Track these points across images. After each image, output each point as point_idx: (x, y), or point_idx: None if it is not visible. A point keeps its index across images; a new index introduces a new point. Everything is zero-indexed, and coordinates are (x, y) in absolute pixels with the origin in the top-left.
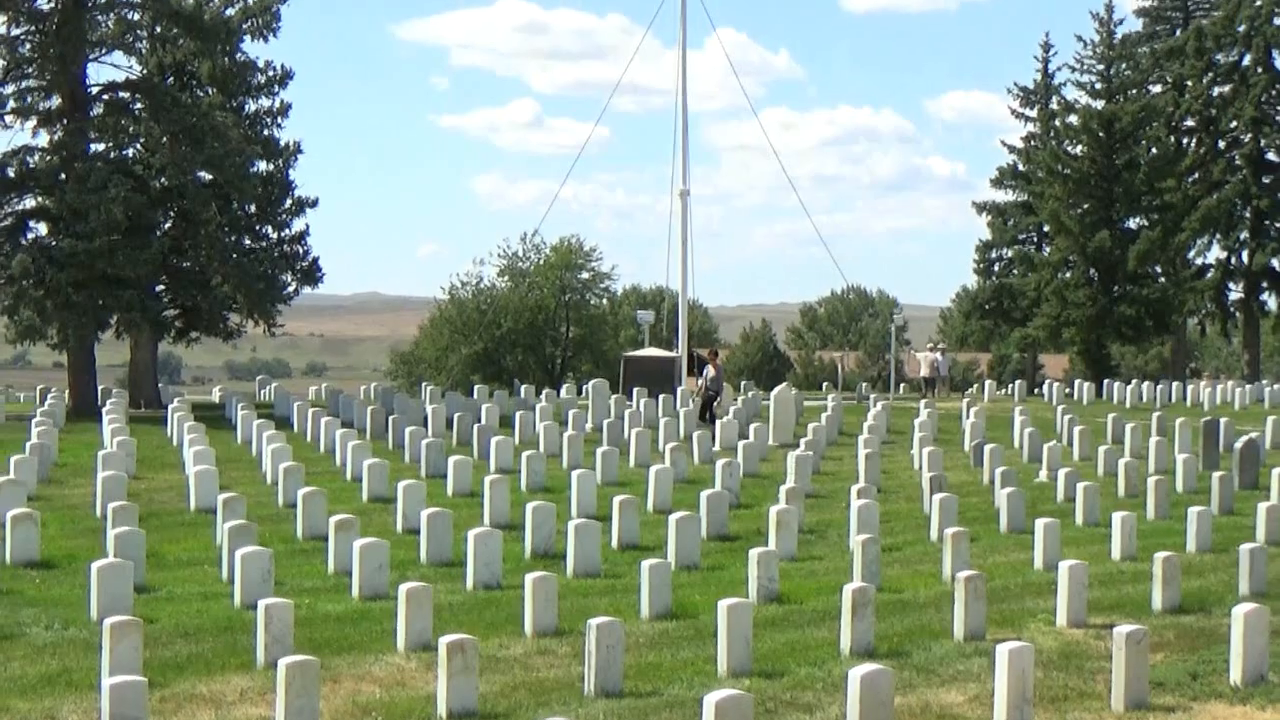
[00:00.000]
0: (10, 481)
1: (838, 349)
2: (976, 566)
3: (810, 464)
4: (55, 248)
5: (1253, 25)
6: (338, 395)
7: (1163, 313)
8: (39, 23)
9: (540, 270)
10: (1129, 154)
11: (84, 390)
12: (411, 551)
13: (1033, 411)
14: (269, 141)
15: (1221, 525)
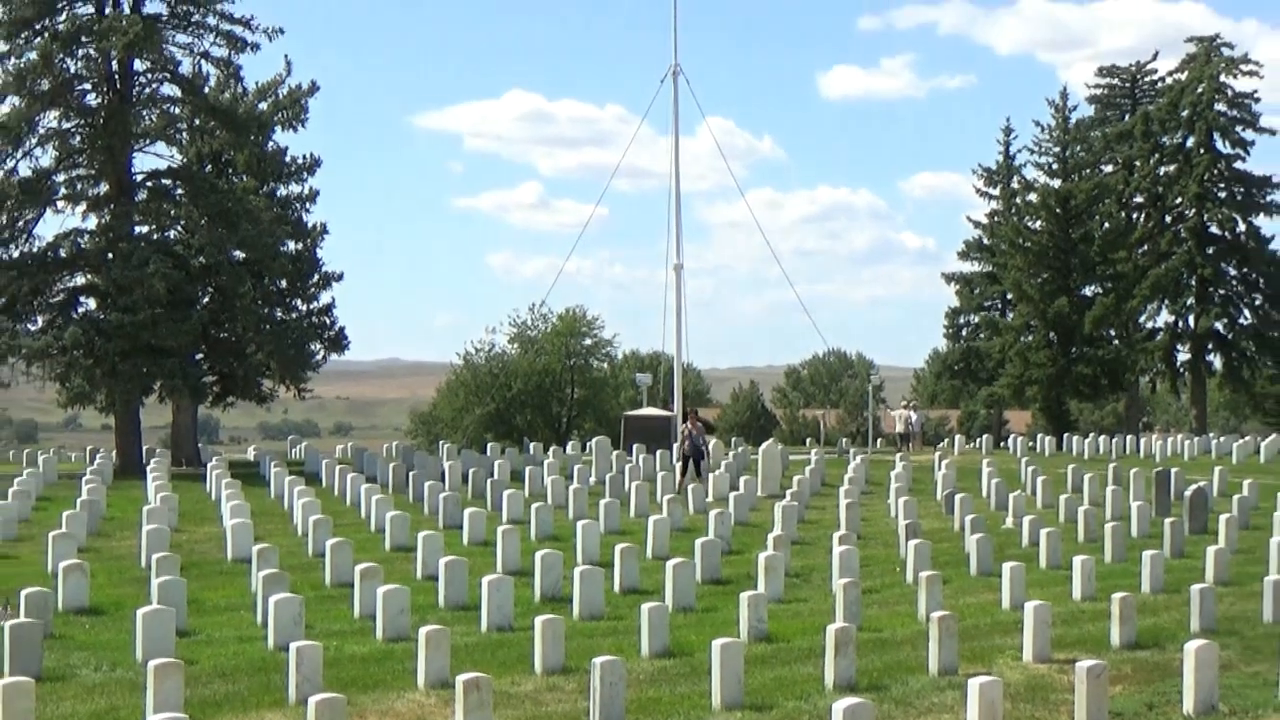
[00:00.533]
0: (62, 534)
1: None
2: (949, 607)
3: (796, 513)
4: (103, 321)
5: (1195, 111)
6: (362, 453)
7: (1117, 372)
8: (88, 117)
9: (547, 337)
10: (1084, 228)
11: (130, 450)
12: (430, 596)
13: (999, 463)
14: (298, 223)
15: (1173, 567)
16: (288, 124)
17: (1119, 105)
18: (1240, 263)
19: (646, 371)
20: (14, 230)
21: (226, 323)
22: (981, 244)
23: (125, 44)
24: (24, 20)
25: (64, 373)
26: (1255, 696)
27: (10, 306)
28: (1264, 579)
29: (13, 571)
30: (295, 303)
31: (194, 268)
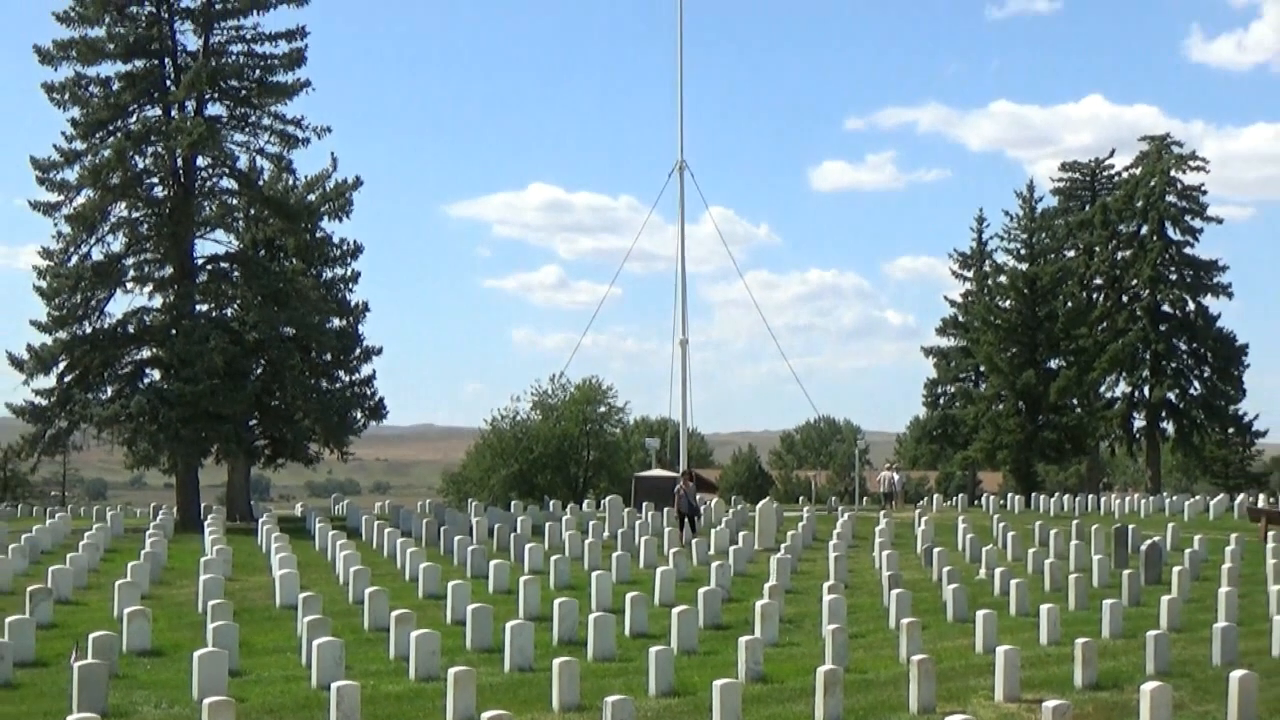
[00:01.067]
0: (127, 583)
1: (811, 469)
2: (927, 651)
3: (789, 565)
4: (167, 390)
5: (1148, 202)
6: (398, 510)
7: (1079, 437)
8: (155, 207)
9: (566, 405)
10: (1049, 307)
11: (189, 507)
12: (459, 640)
13: (973, 520)
14: (342, 302)
15: (1131, 615)
16: (334, 213)
17: (1080, 196)
18: (1190, 339)
19: (655, 436)
20: (87, 309)
21: (277, 392)
22: (957, 321)
23: (189, 143)
24: (100, 121)
25: (131, 437)
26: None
27: (83, 377)
28: (1213, 626)
29: (82, 617)
30: (339, 374)
31: (248, 342)
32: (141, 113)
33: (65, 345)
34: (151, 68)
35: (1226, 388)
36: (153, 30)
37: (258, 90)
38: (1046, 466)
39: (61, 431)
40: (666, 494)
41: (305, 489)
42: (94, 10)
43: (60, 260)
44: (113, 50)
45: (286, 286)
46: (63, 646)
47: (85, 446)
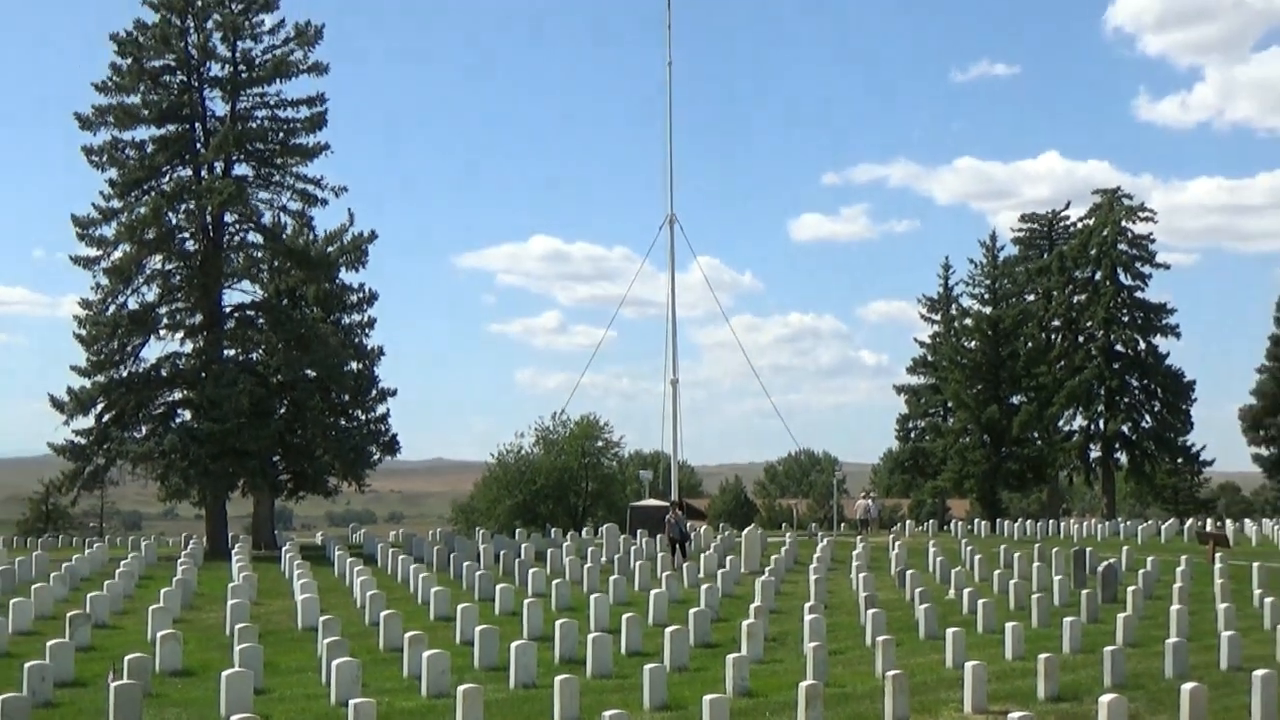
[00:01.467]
0: (160, 608)
1: (793, 497)
2: (901, 666)
3: (773, 587)
4: (197, 429)
5: (1101, 250)
6: (411, 538)
7: (1040, 467)
8: (187, 260)
9: (566, 440)
10: (1011, 347)
11: (218, 536)
12: (467, 659)
13: (943, 544)
14: (359, 347)
15: (1089, 632)
16: (351, 264)
17: (1039, 245)
18: (1141, 376)
19: (648, 468)
20: (123, 354)
21: (299, 430)
22: (926, 361)
23: (218, 201)
24: (135, 181)
25: (163, 472)
26: None
27: (119, 418)
28: (1165, 641)
29: (118, 640)
30: (356, 413)
31: (273, 384)
32: (174, 173)
33: (103, 388)
34: (183, 132)
35: (1175, 421)
36: (184, 97)
37: (281, 152)
38: (1010, 494)
39: (99, 468)
40: (659, 522)
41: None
42: (130, 79)
43: (99, 310)
44: (147, 116)
45: (308, 332)
46: (100, 668)
47: (121, 481)
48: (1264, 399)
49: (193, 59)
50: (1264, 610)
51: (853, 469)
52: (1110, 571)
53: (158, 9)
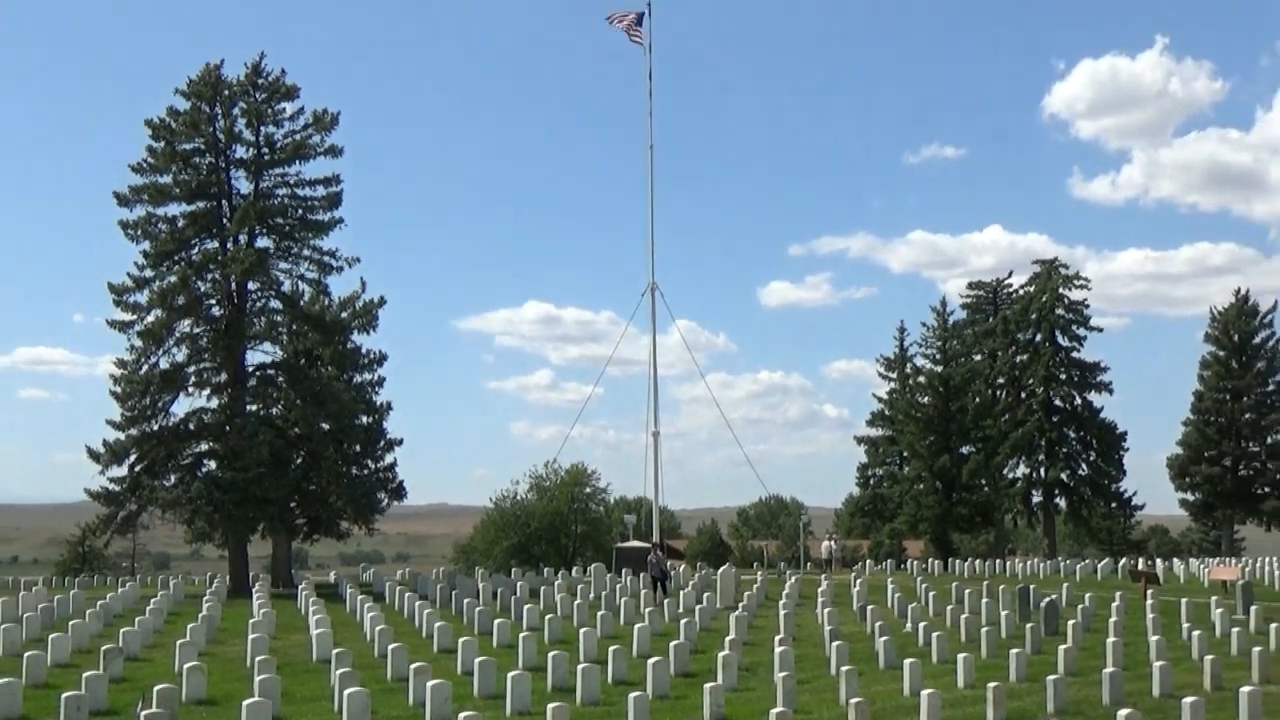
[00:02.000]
0: (187, 642)
1: (764, 539)
2: (863, 694)
3: (746, 621)
4: (221, 478)
5: (1041, 314)
6: (416, 577)
7: (988, 511)
8: (213, 324)
9: (557, 487)
10: (960, 402)
11: (239, 576)
12: (468, 688)
13: (900, 582)
14: (370, 402)
15: (1033, 662)
16: (363, 328)
17: (985, 310)
18: (1078, 428)
19: (632, 512)
20: (154, 409)
21: (314, 478)
22: (883, 415)
23: (242, 271)
24: (166, 253)
25: (190, 517)
26: None
27: (151, 467)
28: (1102, 670)
29: (148, 671)
30: (366, 462)
31: (290, 437)
32: (202, 245)
33: (136, 440)
34: (210, 208)
35: (1109, 469)
36: (212, 177)
37: (299, 227)
38: (960, 536)
39: (131, 513)
40: (642, 561)
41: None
42: (163, 161)
43: (133, 369)
44: (178, 194)
45: (323, 390)
46: (131, 697)
47: (152, 525)
48: (1189, 449)
49: (220, 142)
50: (1192, 642)
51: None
52: (1052, 607)
53: (189, 97)
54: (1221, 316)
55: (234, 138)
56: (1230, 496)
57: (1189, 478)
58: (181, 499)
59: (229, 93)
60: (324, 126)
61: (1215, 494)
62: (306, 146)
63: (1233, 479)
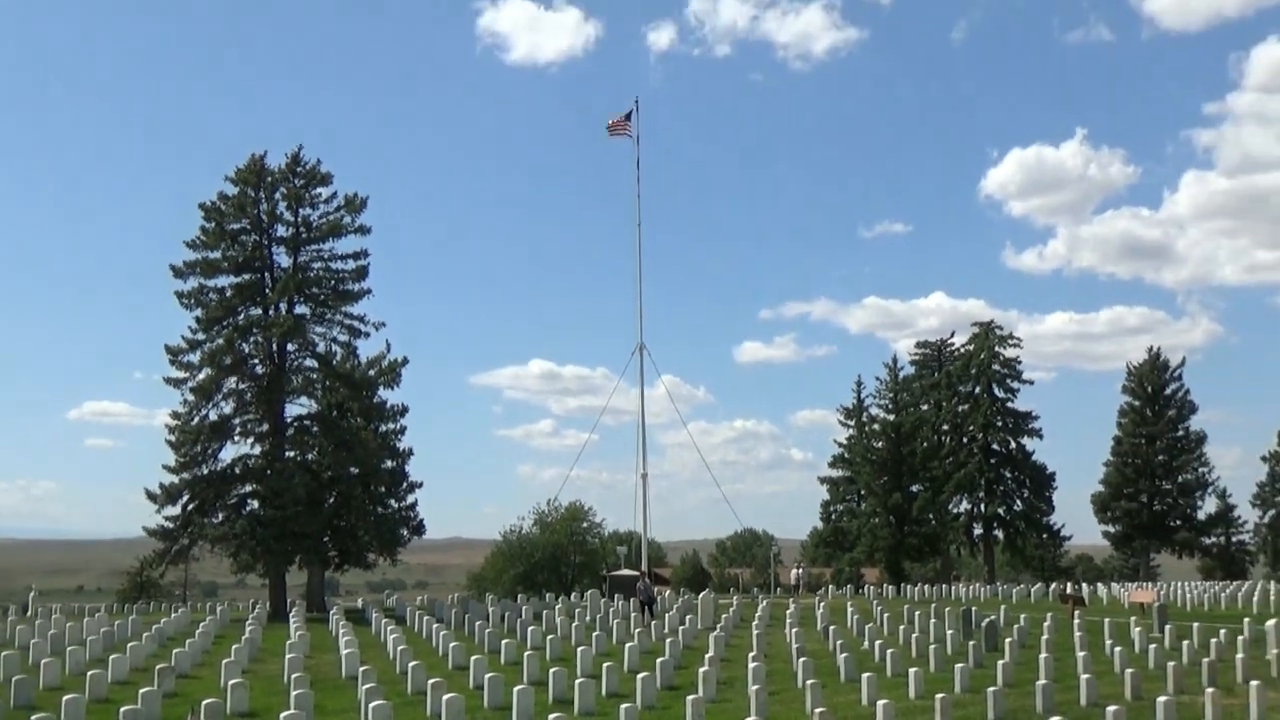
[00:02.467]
0: (231, 661)
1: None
2: (826, 704)
3: (724, 640)
4: (263, 516)
5: (979, 370)
6: (434, 602)
7: (935, 542)
8: (256, 381)
9: (558, 522)
10: (910, 446)
11: (278, 602)
12: (479, 701)
13: (858, 605)
14: (393, 449)
15: (975, 675)
16: (387, 384)
17: (931, 366)
18: (1013, 469)
19: (624, 544)
20: (205, 456)
21: (345, 516)
22: (843, 458)
23: (282, 334)
24: (216, 319)
25: (236, 550)
26: None
27: (201, 507)
28: (1035, 683)
29: (197, 688)
30: (390, 502)
31: (324, 479)
32: (246, 312)
33: (188, 484)
34: (254, 279)
35: (1040, 504)
36: (255, 253)
37: (332, 296)
38: (911, 564)
39: (184, 547)
40: (631, 588)
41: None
42: (213, 239)
43: (185, 420)
44: (226, 267)
45: (352, 438)
46: (182, 710)
47: (201, 558)
48: (1110, 487)
49: (263, 222)
50: (1114, 657)
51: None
52: (991, 626)
53: (237, 183)
54: (1137, 371)
55: (275, 218)
56: (1146, 528)
57: (1110, 512)
58: (228, 535)
59: (271, 179)
60: (354, 209)
61: (1133, 526)
62: (339, 226)
63: (1148, 513)
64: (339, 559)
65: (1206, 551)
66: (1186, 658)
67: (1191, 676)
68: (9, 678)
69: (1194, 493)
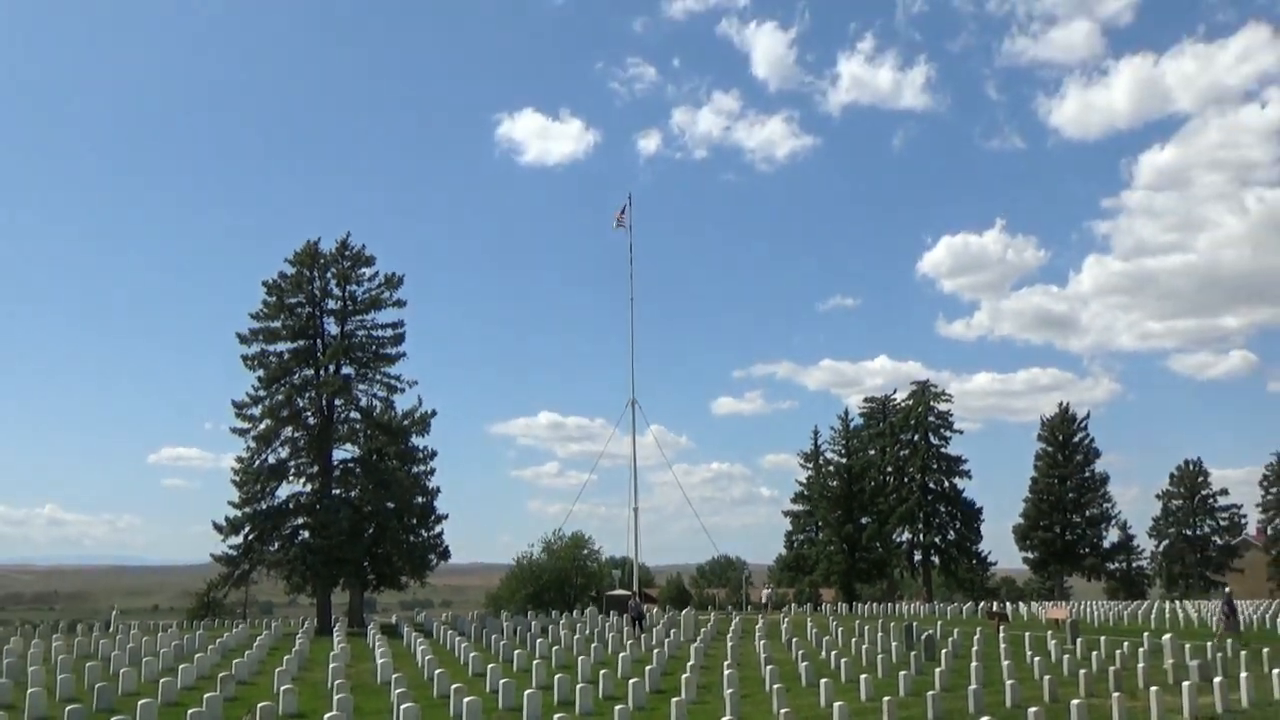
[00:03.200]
0: (283, 670)
1: (716, 588)
2: (790, 705)
3: (703, 651)
4: (312, 544)
5: (917, 421)
6: (457, 618)
7: (882, 567)
8: (308, 430)
9: (562, 549)
10: (860, 485)
11: (324, 619)
12: (494, 703)
13: (816, 621)
14: (424, 487)
15: (917, 682)
16: (419, 432)
17: (877, 417)
18: (947, 504)
19: (618, 568)
20: (264, 494)
21: (382, 545)
22: (803, 494)
23: (331, 391)
24: (274, 378)
25: (289, 574)
26: None
27: (260, 537)
28: (968, 688)
29: (254, 693)
30: (421, 532)
31: (365, 513)
32: (301, 372)
33: (249, 517)
34: (308, 345)
35: (970, 535)
36: (309, 323)
37: (373, 359)
38: (861, 585)
39: (245, 571)
40: (624, 606)
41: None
42: (273, 311)
43: (248, 464)
44: (284, 335)
45: (389, 478)
46: (241, 712)
47: (259, 581)
48: (1028, 520)
49: (316, 297)
50: (1034, 666)
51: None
52: (930, 639)
53: (294, 265)
54: (1049, 423)
55: (326, 294)
56: (1060, 555)
57: (1029, 541)
58: (282, 560)
59: (323, 260)
60: (392, 285)
61: (1049, 553)
62: (380, 300)
63: (1061, 542)
64: (376, 581)
65: (1111, 575)
66: (1096, 666)
67: (1100, 682)
68: (92, 685)
69: (1099, 525)
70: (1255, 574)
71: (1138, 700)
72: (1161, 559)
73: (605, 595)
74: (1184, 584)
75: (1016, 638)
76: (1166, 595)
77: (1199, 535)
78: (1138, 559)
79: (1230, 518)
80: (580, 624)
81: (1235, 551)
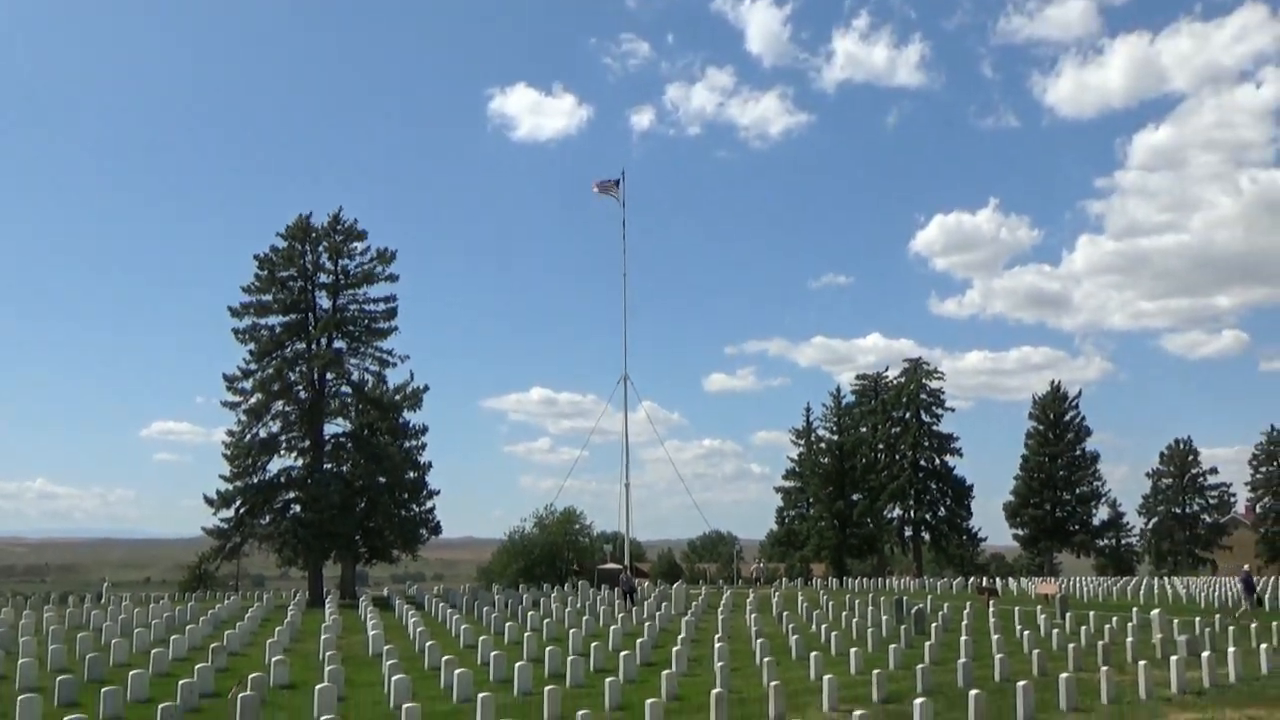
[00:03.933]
0: (275, 641)
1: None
2: (780, 678)
3: (694, 624)
4: (304, 518)
5: (909, 398)
6: (449, 591)
7: (872, 542)
8: (299, 404)
9: (554, 524)
10: (851, 462)
11: (316, 591)
12: (485, 675)
13: (807, 595)
14: (415, 462)
15: (906, 655)
16: (411, 408)
17: (869, 395)
18: (938, 481)
19: (609, 543)
20: (255, 468)
21: (373, 519)
22: (795, 471)
23: (322, 365)
24: (266, 352)
25: (280, 547)
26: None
27: (251, 510)
28: (957, 661)
29: (246, 664)
30: (412, 506)
31: (356, 488)
32: (292, 346)
33: (240, 491)
34: (300, 319)
35: (960, 512)
36: (301, 297)
37: (365, 333)
38: (852, 560)
39: (236, 544)
40: (615, 579)
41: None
42: (265, 285)
43: (239, 438)
44: (276, 309)
45: (380, 453)
46: (232, 683)
47: (251, 553)
48: (1019, 497)
49: (308, 271)
50: (1022, 640)
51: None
52: (920, 614)
53: (286, 238)
54: (1041, 401)
55: (318, 268)
56: (1050, 532)
57: (1019, 518)
58: (274, 534)
59: (315, 235)
60: (385, 260)
61: (1039, 530)
62: (372, 275)
63: (1051, 519)
64: (368, 555)
65: (1100, 552)
66: (1084, 640)
67: (1089, 656)
68: (84, 655)
69: (1089, 502)
70: (1243, 552)
71: (1126, 674)
72: (1151, 536)
73: (596, 569)
74: (1172, 561)
75: (1006, 612)
76: (1155, 572)
77: (1188, 513)
78: (1127, 536)
79: (1219, 496)
80: (571, 597)
81: (1224, 530)
